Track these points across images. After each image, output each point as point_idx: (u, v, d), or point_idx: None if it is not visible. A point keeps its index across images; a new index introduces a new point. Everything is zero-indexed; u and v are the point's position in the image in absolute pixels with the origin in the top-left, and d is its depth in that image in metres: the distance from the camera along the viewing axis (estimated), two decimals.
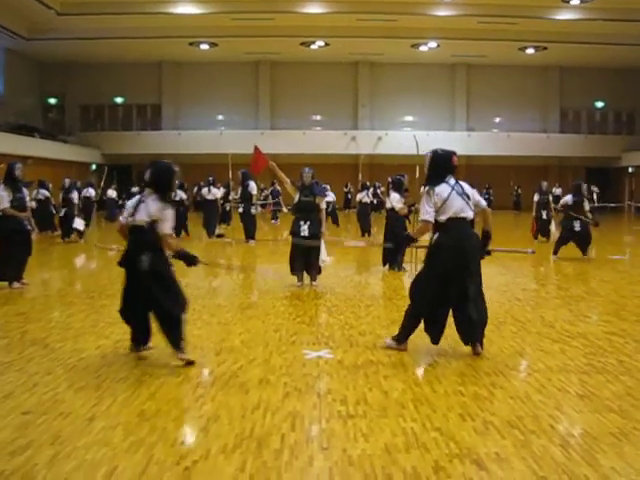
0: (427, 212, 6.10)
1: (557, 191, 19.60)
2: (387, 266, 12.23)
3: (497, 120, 41.72)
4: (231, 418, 4.56)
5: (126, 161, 40.16)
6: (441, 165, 6.25)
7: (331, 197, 26.08)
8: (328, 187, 25.98)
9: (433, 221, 6.13)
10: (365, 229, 19.75)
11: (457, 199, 6.05)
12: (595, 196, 26.83)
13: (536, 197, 18.18)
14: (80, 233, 18.47)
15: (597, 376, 5.55)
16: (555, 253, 14.26)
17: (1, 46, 34.14)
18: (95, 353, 6.31)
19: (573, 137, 40.14)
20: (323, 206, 10.25)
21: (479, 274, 6.17)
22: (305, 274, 10.36)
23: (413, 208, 12.31)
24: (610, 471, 3.71)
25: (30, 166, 11.01)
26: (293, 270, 10.30)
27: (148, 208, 5.92)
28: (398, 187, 12.22)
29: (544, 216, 17.82)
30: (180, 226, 20.28)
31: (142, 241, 5.93)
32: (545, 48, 36.51)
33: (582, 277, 11.84)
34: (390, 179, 12.68)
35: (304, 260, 10.14)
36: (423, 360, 6.19)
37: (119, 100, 42.08)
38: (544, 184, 18.52)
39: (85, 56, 37.79)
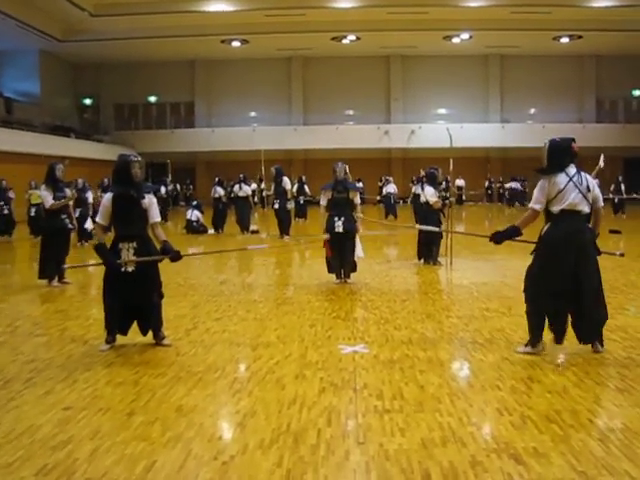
0: (537, 201, 5.92)
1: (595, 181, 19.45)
2: (422, 260, 12.19)
3: (532, 111, 41.22)
4: (268, 413, 4.59)
5: (161, 159, 40.49)
6: (559, 153, 6.02)
7: (392, 189, 26.05)
8: (391, 180, 25.95)
9: (540, 211, 5.95)
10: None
11: (574, 191, 5.80)
12: (622, 187, 26.34)
13: None
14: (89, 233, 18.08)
15: (637, 369, 5.48)
16: None
17: (36, 48, 34.54)
18: (133, 350, 6.38)
19: (610, 127, 39.50)
20: (357, 201, 10.18)
21: (595, 270, 5.89)
22: None
23: (447, 202, 12.27)
24: None
25: (67, 166, 11.13)
26: (330, 269, 10.28)
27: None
28: (432, 180, 12.17)
29: None
30: (219, 222, 20.48)
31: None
32: (580, 37, 35.99)
33: (620, 269, 11.66)
34: (424, 172, 12.62)
35: (340, 257, 10.10)
36: (459, 354, 6.16)
37: (152, 99, 42.38)
38: None
39: (118, 56, 38.12)
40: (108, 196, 6.42)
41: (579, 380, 5.21)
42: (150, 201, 6.46)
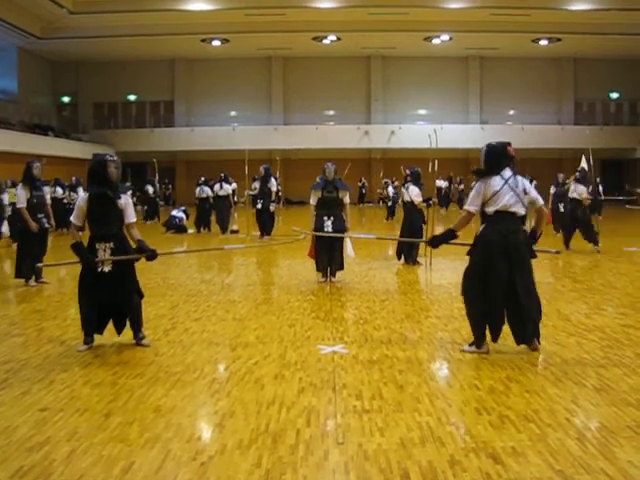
0: (472, 203, 6.04)
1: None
2: (402, 260, 12.22)
3: (511, 112, 41.49)
4: (246, 414, 4.57)
5: (140, 158, 40.30)
6: (495, 157, 6.14)
7: (393, 191, 26.20)
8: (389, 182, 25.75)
9: (475, 213, 6.05)
10: None
11: (508, 193, 5.89)
12: (601, 188, 26.61)
13: (553, 189, 18.00)
14: None
15: (614, 369, 5.52)
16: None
17: (14, 45, 34.28)
18: (111, 350, 6.34)
19: (588, 129, 39.82)
20: (347, 201, 10.20)
21: (528, 270, 6.01)
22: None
23: (431, 202, 12.32)
24: (627, 464, 3.68)
25: (45, 165, 11.06)
26: (318, 267, 10.30)
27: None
28: (416, 180, 12.20)
29: (561, 209, 17.68)
30: (203, 222, 20.44)
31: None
32: (559, 39, 36.25)
33: (598, 270, 11.77)
34: (408, 172, 12.66)
35: (328, 256, 10.12)
36: (438, 354, 6.17)
37: (132, 97, 42.19)
38: (560, 176, 18.30)
39: (98, 54, 37.91)
40: (84, 196, 6.36)
41: (557, 380, 5.24)
42: (126, 201, 6.43)
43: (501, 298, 5.91)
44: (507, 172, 6.03)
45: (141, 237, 6.50)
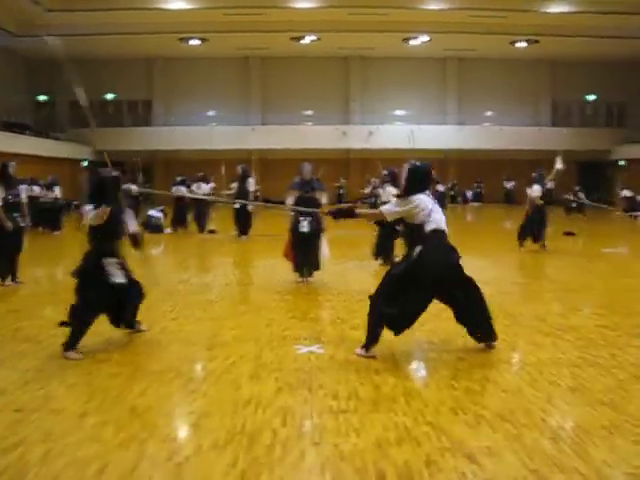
0: (392, 213, 6.01)
1: (549, 184, 19.57)
2: (379, 259, 12.23)
3: (489, 114, 41.69)
4: (222, 414, 4.56)
5: (118, 157, 39.99)
6: (420, 177, 6.07)
7: (442, 187, 26.19)
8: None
9: (389, 219, 6.05)
10: None
11: (438, 211, 5.93)
12: (582, 195, 26.95)
13: (529, 190, 18.07)
14: None
15: (589, 369, 5.57)
16: (543, 244, 14.48)
17: None
18: (87, 350, 6.29)
19: (564, 130, 40.13)
20: (324, 201, 10.20)
21: (466, 280, 6.05)
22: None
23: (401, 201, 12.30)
24: (601, 464, 3.72)
25: (22, 164, 11.00)
26: (296, 267, 10.29)
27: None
28: (394, 180, 12.19)
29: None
30: (179, 221, 20.32)
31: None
32: (536, 41, 36.46)
33: (574, 270, 11.86)
34: (386, 172, 12.67)
35: (304, 255, 10.12)
36: (414, 354, 6.19)
37: (110, 96, 41.91)
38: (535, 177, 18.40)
39: (75, 52, 37.49)
40: (106, 209, 6.20)
41: (533, 380, 5.27)
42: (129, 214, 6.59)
43: (425, 307, 5.97)
44: (427, 193, 6.03)
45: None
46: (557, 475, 3.59)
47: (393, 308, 5.86)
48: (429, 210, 5.87)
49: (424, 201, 5.90)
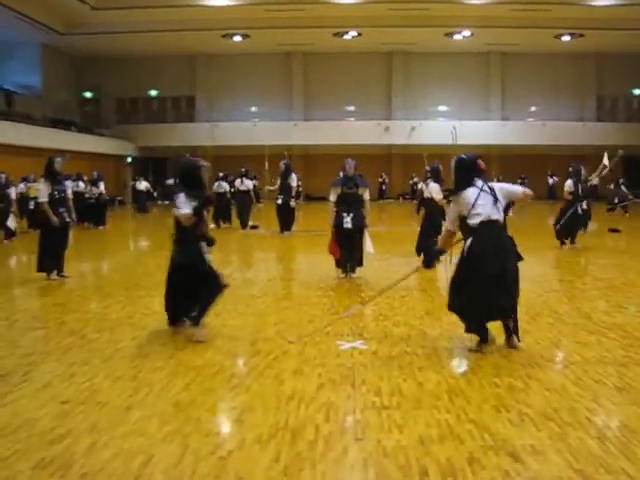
0: (450, 221, 6.19)
1: (595, 180, 19.23)
2: (422, 256, 12.16)
3: (532, 109, 41.21)
4: (265, 409, 4.58)
5: (161, 153, 40.53)
6: (465, 171, 6.12)
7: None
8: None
9: (454, 230, 6.17)
10: None
11: (486, 201, 5.91)
12: (624, 188, 26.41)
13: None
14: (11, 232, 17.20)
15: (635, 368, 5.47)
16: (572, 242, 14.24)
17: (37, 41, 34.51)
18: (131, 344, 6.38)
19: (610, 125, 39.49)
20: (366, 197, 10.21)
21: (515, 273, 5.98)
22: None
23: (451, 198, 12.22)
24: None
25: (67, 160, 11.17)
26: (338, 263, 10.31)
27: (177, 203, 6.38)
28: (436, 176, 12.09)
29: (584, 205, 17.42)
30: (222, 216, 20.43)
31: (176, 234, 6.52)
32: (581, 35, 35.97)
33: (619, 268, 11.67)
34: (429, 168, 12.59)
35: (347, 252, 10.12)
36: (457, 352, 6.15)
37: (153, 93, 42.38)
38: (582, 172, 18.08)
39: (119, 50, 38.09)
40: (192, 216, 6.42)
41: (577, 378, 5.21)
42: None
43: (496, 295, 5.85)
44: (479, 182, 6.03)
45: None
46: (603, 476, 3.54)
47: (461, 300, 5.95)
48: (472, 203, 5.90)
49: (467, 195, 5.95)
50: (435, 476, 3.55)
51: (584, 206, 14.24)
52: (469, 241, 5.94)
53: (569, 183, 14.45)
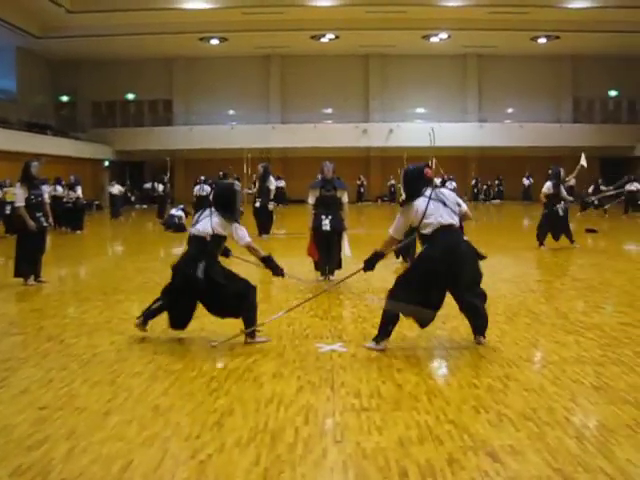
0: (397, 230, 6.26)
1: (572, 181, 19.36)
2: (401, 258, 12.20)
3: (509, 110, 41.47)
4: (245, 412, 4.58)
5: (139, 157, 40.38)
6: (414, 181, 6.22)
7: (451, 185, 26.35)
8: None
9: (398, 239, 6.33)
10: None
11: (437, 208, 5.97)
12: (603, 188, 26.61)
13: None
14: None
15: (612, 367, 5.52)
16: (542, 244, 14.35)
17: (12, 44, 34.24)
18: (109, 349, 6.34)
19: (586, 127, 39.81)
20: (345, 200, 10.24)
21: (475, 275, 6.08)
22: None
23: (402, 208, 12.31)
24: (626, 463, 3.68)
25: (44, 163, 11.10)
26: (317, 266, 10.32)
27: (213, 223, 6.47)
28: None
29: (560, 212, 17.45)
30: None
31: (201, 251, 6.44)
32: (557, 37, 36.27)
33: (596, 268, 11.77)
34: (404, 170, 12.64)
35: (326, 254, 10.13)
36: (436, 353, 6.18)
37: (131, 96, 42.19)
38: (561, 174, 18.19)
39: (96, 53, 37.86)
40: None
41: (555, 378, 5.24)
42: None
43: (438, 299, 6.01)
44: (427, 191, 6.10)
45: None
46: (581, 474, 3.57)
47: (406, 301, 5.95)
48: (423, 213, 5.97)
49: (417, 205, 6.03)
50: (415, 477, 3.56)
51: (564, 207, 14.33)
52: (425, 247, 6.08)
53: (548, 185, 14.56)
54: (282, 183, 37.77)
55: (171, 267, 6.65)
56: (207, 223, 6.48)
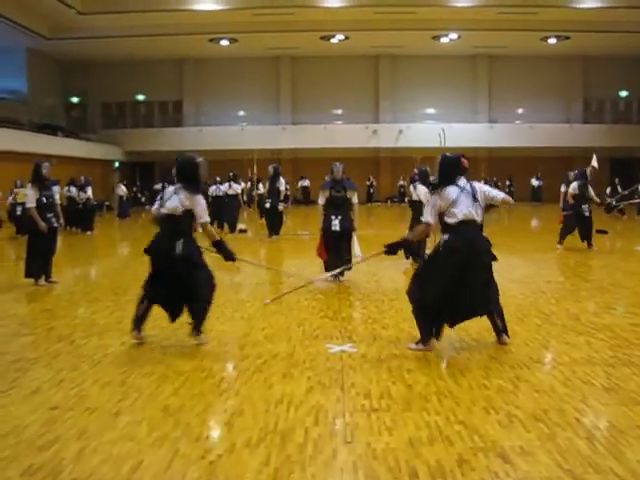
0: (429, 214, 6.15)
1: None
2: (410, 259, 12.19)
3: (519, 111, 41.32)
4: (255, 412, 4.58)
5: (149, 158, 40.46)
6: (450, 168, 6.21)
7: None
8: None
9: (432, 224, 6.19)
10: None
11: (466, 201, 5.99)
12: (620, 189, 26.43)
13: (563, 188, 17.71)
14: None
15: (623, 368, 5.50)
16: (561, 243, 14.30)
17: (23, 46, 34.35)
18: (120, 349, 6.36)
19: (597, 127, 39.63)
20: (355, 201, 10.25)
21: (486, 272, 6.09)
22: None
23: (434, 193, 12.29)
24: (637, 464, 3.67)
25: (54, 165, 11.14)
26: (327, 267, 10.31)
27: (180, 198, 6.36)
28: (424, 179, 12.13)
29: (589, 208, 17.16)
30: (220, 220, 20.28)
31: (176, 229, 6.35)
32: (567, 38, 36.11)
33: (607, 269, 11.72)
34: (416, 171, 12.64)
35: (336, 255, 10.13)
36: (446, 353, 6.17)
37: (141, 97, 42.26)
38: (571, 174, 18.08)
39: (106, 54, 37.96)
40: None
41: (566, 379, 5.23)
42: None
43: (449, 299, 5.98)
44: (462, 181, 6.12)
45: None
46: (592, 475, 3.56)
47: (424, 295, 6.02)
48: (452, 201, 5.98)
49: (449, 192, 6.03)
50: (425, 478, 3.56)
51: (589, 208, 14.23)
52: (446, 237, 6.04)
53: (574, 185, 14.49)
54: (307, 182, 37.83)
55: (145, 251, 6.50)
56: (175, 200, 6.41)
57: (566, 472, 3.59)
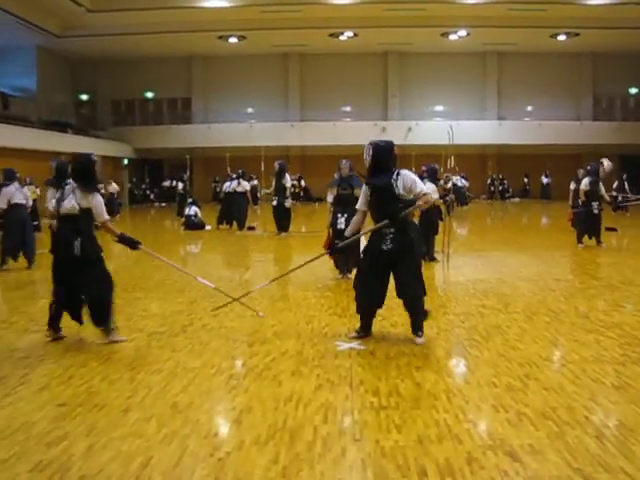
0: (361, 203, 6.67)
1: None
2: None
3: (529, 108, 41.16)
4: (264, 410, 4.58)
5: (158, 155, 40.53)
6: (384, 155, 6.60)
7: (461, 182, 26.15)
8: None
9: (365, 211, 6.69)
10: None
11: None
12: (627, 185, 26.29)
13: (572, 185, 17.59)
14: None
15: (633, 367, 5.48)
16: (581, 242, 14.24)
17: (32, 43, 34.41)
18: (129, 346, 6.38)
19: (606, 124, 39.46)
20: None
21: (413, 264, 6.44)
22: None
23: (448, 199, 12.34)
24: None
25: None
26: (336, 263, 10.32)
27: (76, 198, 6.37)
28: (432, 176, 12.14)
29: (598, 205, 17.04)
30: (229, 218, 20.33)
31: (74, 228, 6.39)
32: (577, 34, 35.97)
33: (616, 266, 11.68)
34: (425, 168, 12.64)
35: (343, 252, 10.12)
36: (455, 351, 6.16)
37: (149, 95, 42.31)
38: (580, 172, 17.98)
39: (115, 52, 38.02)
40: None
41: (575, 377, 5.21)
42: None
43: (379, 291, 6.39)
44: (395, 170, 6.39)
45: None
46: (601, 474, 3.54)
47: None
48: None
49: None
50: (434, 476, 3.55)
51: (599, 206, 14.19)
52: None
53: (585, 182, 14.41)
54: (302, 182, 37.90)
55: (49, 252, 6.64)
56: (72, 199, 6.39)
57: (575, 471, 3.57)
